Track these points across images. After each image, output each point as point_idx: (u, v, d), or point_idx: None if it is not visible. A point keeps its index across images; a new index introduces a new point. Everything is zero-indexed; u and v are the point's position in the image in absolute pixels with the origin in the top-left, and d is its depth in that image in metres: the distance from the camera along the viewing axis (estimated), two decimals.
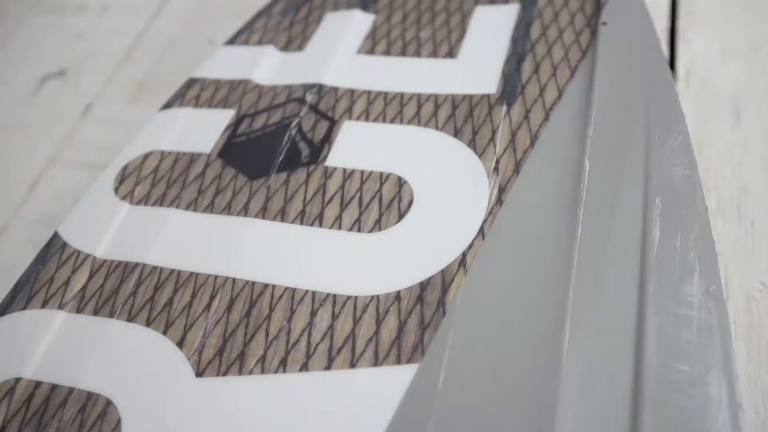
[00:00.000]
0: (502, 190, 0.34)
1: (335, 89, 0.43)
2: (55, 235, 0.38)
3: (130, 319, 0.33)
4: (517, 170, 0.35)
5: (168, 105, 0.44)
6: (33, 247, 0.53)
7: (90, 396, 0.31)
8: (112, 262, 0.36)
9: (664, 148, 0.35)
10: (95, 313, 0.34)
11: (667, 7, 0.60)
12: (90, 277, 0.35)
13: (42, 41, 0.73)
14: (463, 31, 0.46)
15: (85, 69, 0.69)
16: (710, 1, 0.59)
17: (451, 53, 0.44)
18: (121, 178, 0.40)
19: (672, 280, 0.29)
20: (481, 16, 0.47)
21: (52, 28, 0.74)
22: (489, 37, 0.44)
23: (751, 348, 0.39)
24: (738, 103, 0.52)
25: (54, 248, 0.37)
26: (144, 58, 0.68)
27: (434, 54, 0.44)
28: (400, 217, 0.35)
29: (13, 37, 0.74)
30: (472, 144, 0.37)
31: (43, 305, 0.35)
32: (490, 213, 0.34)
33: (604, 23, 0.43)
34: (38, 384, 0.31)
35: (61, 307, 0.34)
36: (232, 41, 0.49)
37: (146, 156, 0.41)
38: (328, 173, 0.38)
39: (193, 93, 0.45)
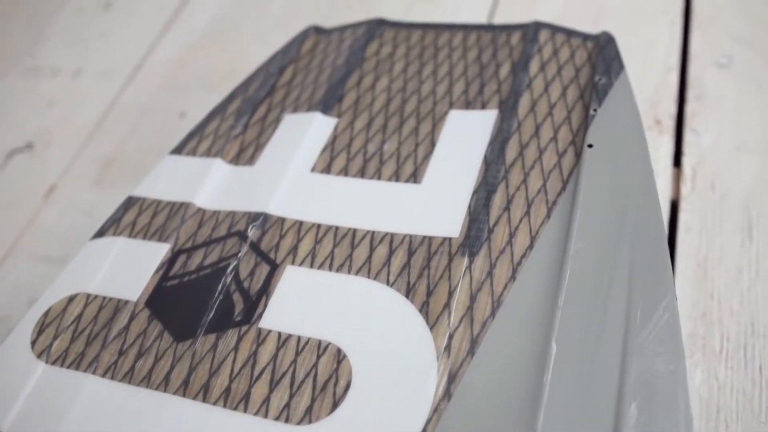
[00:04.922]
0: (451, 379, 0.29)
1: (281, 221, 0.38)
2: None
3: None
4: (471, 351, 0.30)
5: (103, 231, 0.40)
6: None
7: None
8: None
9: (647, 331, 0.29)
10: None
11: (675, 88, 0.54)
12: None
13: (14, 108, 0.70)
14: (431, 145, 0.40)
15: (53, 142, 0.65)
16: (722, 83, 0.53)
17: (415, 176, 0.39)
18: (41, 327, 0.36)
19: None
20: (454, 123, 0.42)
21: (25, 93, 0.71)
22: (459, 154, 0.39)
23: None
24: (750, 212, 0.45)
25: None
26: (113, 131, 0.65)
27: (396, 176, 0.39)
28: (334, 405, 0.30)
29: None
30: (424, 309, 0.32)
31: None
32: (435, 410, 0.29)
33: (590, 145, 0.37)
34: None
35: None
36: (179, 150, 0.44)
37: (70, 300, 0.37)
38: (261, 338, 0.33)
39: (130, 217, 0.40)
